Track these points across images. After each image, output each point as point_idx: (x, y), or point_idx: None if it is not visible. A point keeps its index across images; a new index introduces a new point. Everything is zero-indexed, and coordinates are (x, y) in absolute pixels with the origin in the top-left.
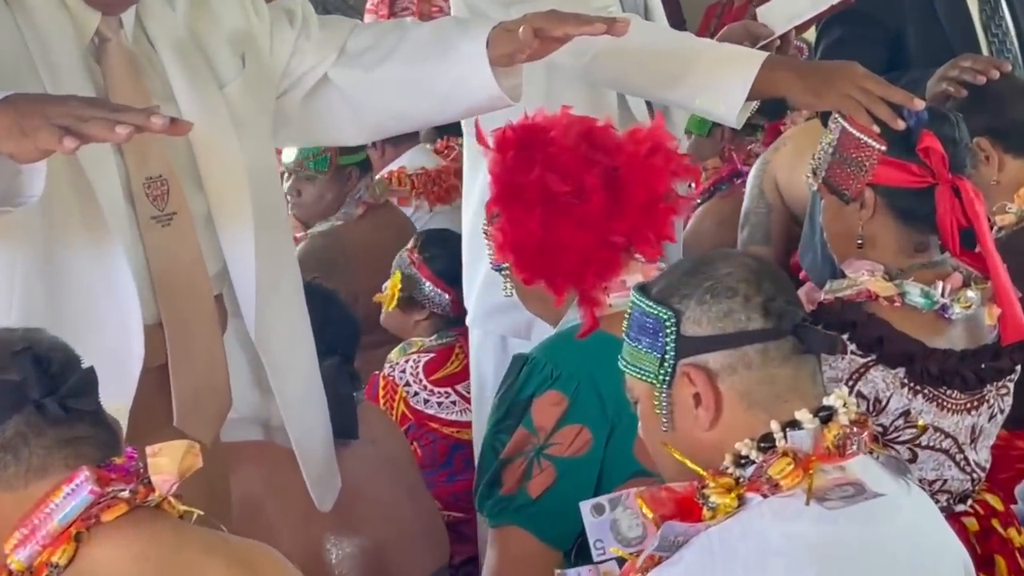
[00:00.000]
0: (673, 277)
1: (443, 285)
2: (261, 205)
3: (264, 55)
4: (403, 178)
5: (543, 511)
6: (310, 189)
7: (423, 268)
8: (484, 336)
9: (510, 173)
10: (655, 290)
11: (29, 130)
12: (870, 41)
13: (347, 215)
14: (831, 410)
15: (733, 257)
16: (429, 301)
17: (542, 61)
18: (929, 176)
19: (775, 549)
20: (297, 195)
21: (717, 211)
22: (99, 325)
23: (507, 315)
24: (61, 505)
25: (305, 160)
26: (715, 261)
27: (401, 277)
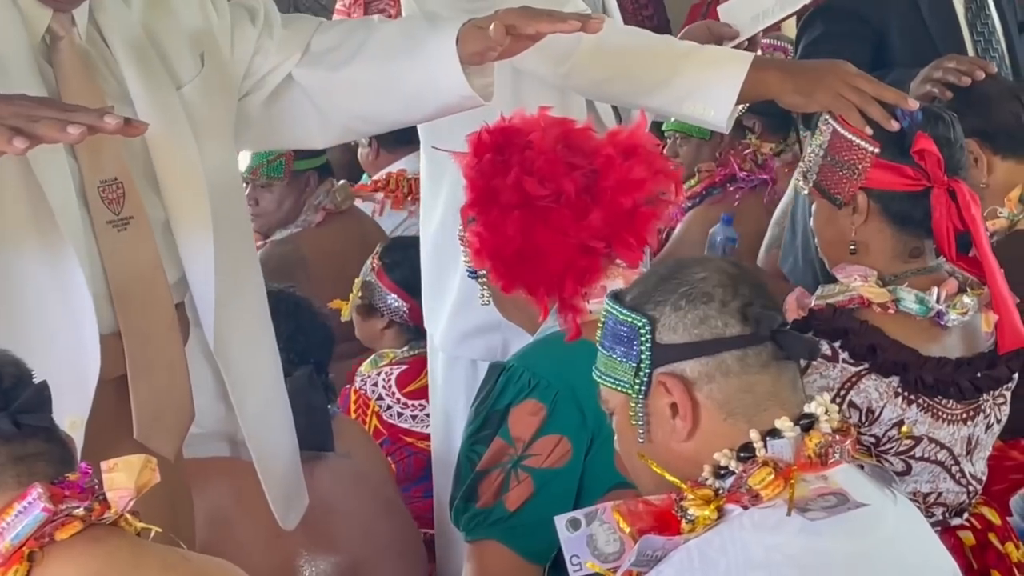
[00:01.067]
0: (647, 284)
1: (402, 294)
2: (221, 211)
3: (224, 55)
4: (402, 181)
5: (521, 524)
6: (267, 197)
7: (382, 275)
8: (452, 361)
9: (486, 177)
10: (629, 297)
11: None
12: (853, 38)
13: (306, 222)
14: (812, 418)
15: (709, 262)
16: (388, 309)
17: (509, 65)
18: (924, 179)
19: (756, 562)
20: (255, 204)
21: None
22: (53, 335)
23: (481, 338)
24: (13, 524)
25: (259, 167)
26: (690, 266)
27: (362, 284)
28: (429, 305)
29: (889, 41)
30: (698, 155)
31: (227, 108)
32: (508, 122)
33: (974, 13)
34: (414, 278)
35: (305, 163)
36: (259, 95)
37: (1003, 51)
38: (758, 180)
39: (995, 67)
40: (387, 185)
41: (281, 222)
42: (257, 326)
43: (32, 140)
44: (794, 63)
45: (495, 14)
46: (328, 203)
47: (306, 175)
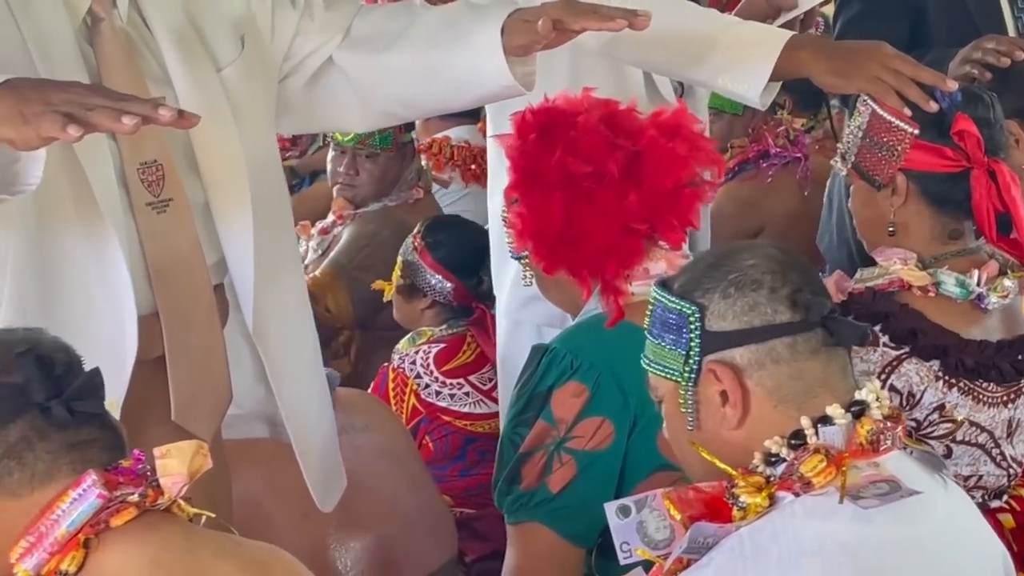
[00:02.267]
0: (696, 271)
1: (445, 273)
2: (261, 193)
3: (264, 37)
4: (444, 147)
5: (564, 507)
6: (369, 167)
7: (424, 255)
8: (516, 326)
9: (530, 158)
10: (677, 284)
11: (31, 117)
12: (890, 17)
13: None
14: (864, 405)
15: (757, 248)
16: (431, 289)
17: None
18: (964, 160)
19: (809, 549)
20: (355, 174)
21: (737, 194)
22: (91, 315)
23: (544, 303)
24: (68, 511)
25: (369, 137)
26: (739, 253)
27: (403, 264)
28: (495, 271)
29: (927, 19)
30: (730, 131)
31: (267, 90)
32: (552, 103)
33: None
34: (458, 257)
35: (408, 135)
36: (299, 78)
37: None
38: (791, 157)
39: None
40: (429, 148)
41: (376, 194)
42: (296, 308)
43: (86, 128)
44: (832, 43)
45: (542, 7)
46: (422, 182)
47: (408, 147)
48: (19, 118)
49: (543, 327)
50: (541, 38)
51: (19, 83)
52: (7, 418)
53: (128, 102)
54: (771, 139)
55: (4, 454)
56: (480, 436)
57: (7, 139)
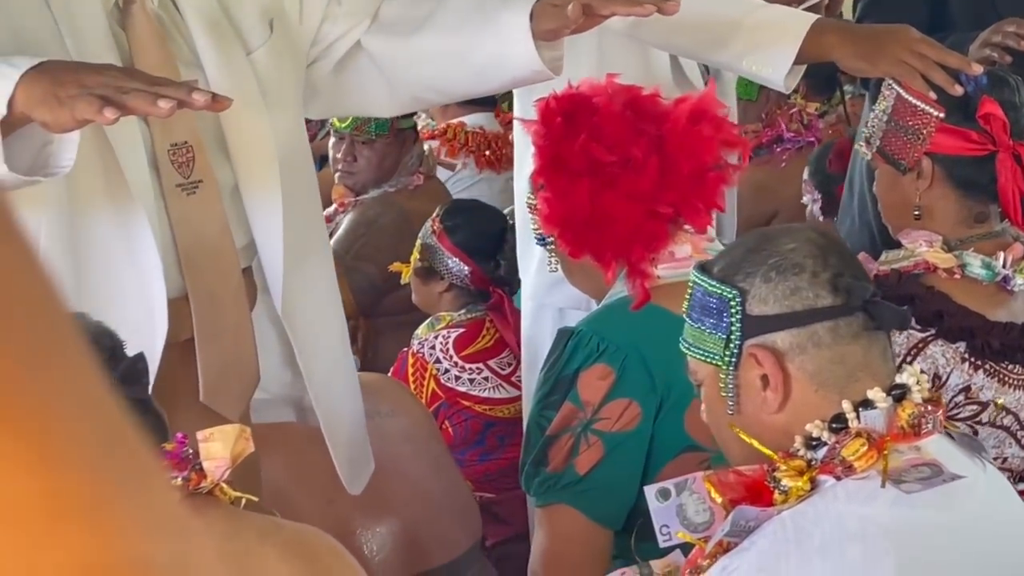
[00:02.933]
0: (736, 255)
1: (463, 256)
2: (290, 176)
3: (293, 21)
4: (459, 132)
5: (592, 488)
6: (367, 153)
7: (443, 238)
8: (540, 309)
9: (555, 143)
10: (717, 268)
11: (66, 99)
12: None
13: (401, 183)
14: (904, 388)
15: (798, 232)
16: (448, 272)
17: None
18: (989, 143)
19: (852, 533)
20: (353, 160)
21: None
22: (121, 297)
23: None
24: None
25: (366, 123)
26: (779, 237)
27: (421, 247)
28: (521, 254)
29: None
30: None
31: (296, 75)
32: (576, 89)
33: None
34: (476, 241)
35: (406, 122)
36: (327, 62)
37: None
38: (804, 141)
39: None
40: (444, 133)
41: (376, 180)
42: (324, 292)
43: (122, 111)
44: (857, 27)
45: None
46: (423, 167)
47: (406, 133)
48: (54, 100)
49: (567, 310)
50: (570, 23)
51: (54, 66)
52: None
53: (163, 86)
54: (784, 124)
55: None
56: (499, 421)
57: (42, 121)
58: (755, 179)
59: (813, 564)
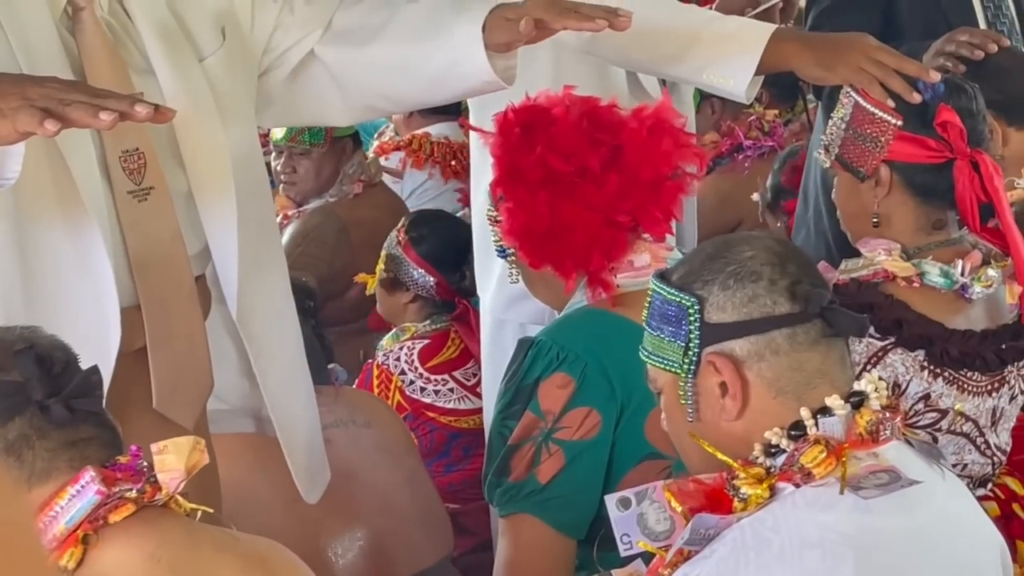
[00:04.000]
0: (694, 262)
1: (428, 267)
2: (244, 183)
3: (245, 29)
4: (424, 143)
5: (554, 497)
6: (305, 164)
7: (408, 249)
8: (500, 324)
9: (513, 155)
10: (676, 276)
11: (8, 111)
12: (862, 8)
13: (342, 192)
14: (863, 395)
15: (756, 240)
16: (413, 283)
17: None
18: (947, 151)
19: (810, 540)
20: (292, 172)
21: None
22: (74, 307)
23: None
24: (67, 507)
25: (300, 133)
26: (737, 244)
27: (387, 257)
28: (480, 270)
29: (899, 11)
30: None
31: (248, 82)
32: (533, 101)
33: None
34: (441, 251)
35: (343, 131)
36: (281, 71)
37: (1013, 18)
38: (766, 147)
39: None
40: (409, 144)
41: (316, 191)
42: (279, 298)
43: (63, 123)
44: (815, 35)
45: (523, 5)
46: (363, 175)
47: (344, 142)
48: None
49: (527, 325)
50: (522, 37)
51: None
52: (6, 416)
53: (105, 98)
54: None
55: (3, 451)
56: (464, 432)
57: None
58: (719, 188)
59: (772, 571)
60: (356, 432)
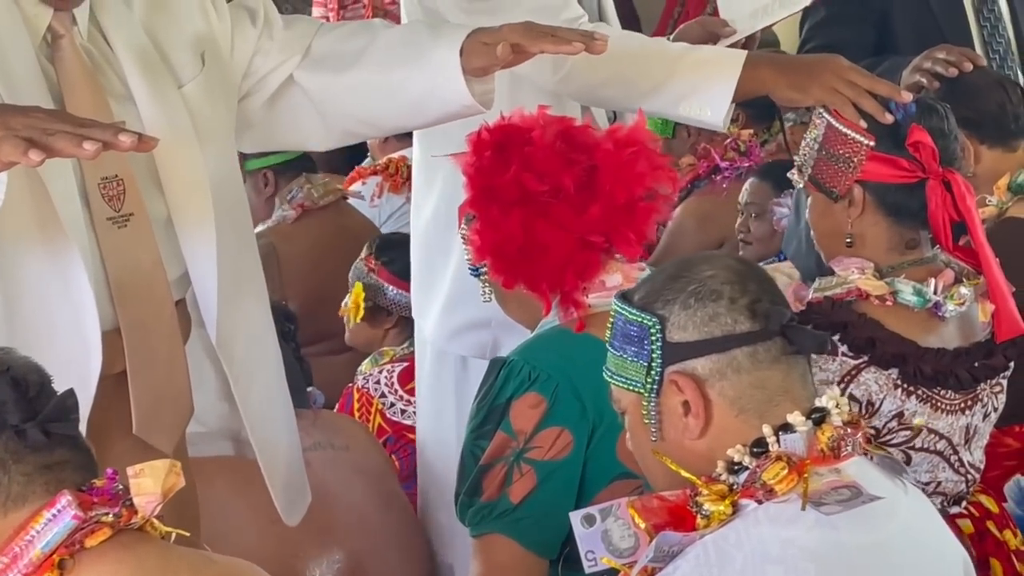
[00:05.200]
0: (655, 283)
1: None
2: (223, 208)
3: (224, 55)
4: (402, 166)
5: (526, 517)
6: None
7: (383, 273)
8: (442, 355)
9: (486, 175)
10: (638, 297)
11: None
12: (855, 22)
13: (281, 218)
14: (824, 412)
15: (716, 259)
16: (395, 305)
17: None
18: (919, 170)
19: (773, 556)
20: None
21: (697, 209)
22: (55, 332)
23: (472, 334)
24: (43, 532)
25: None
26: (698, 264)
27: (363, 287)
28: (419, 299)
29: (893, 25)
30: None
31: (228, 107)
32: (508, 120)
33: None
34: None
35: (257, 162)
36: (260, 96)
37: (1009, 38)
38: (743, 168)
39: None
40: (386, 169)
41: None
42: (259, 322)
43: (47, 153)
44: (788, 58)
45: (500, 29)
46: (304, 199)
47: (261, 173)
48: None
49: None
50: (500, 62)
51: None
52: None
53: (89, 128)
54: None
55: None
56: None
57: None
58: (699, 210)
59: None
60: (334, 455)
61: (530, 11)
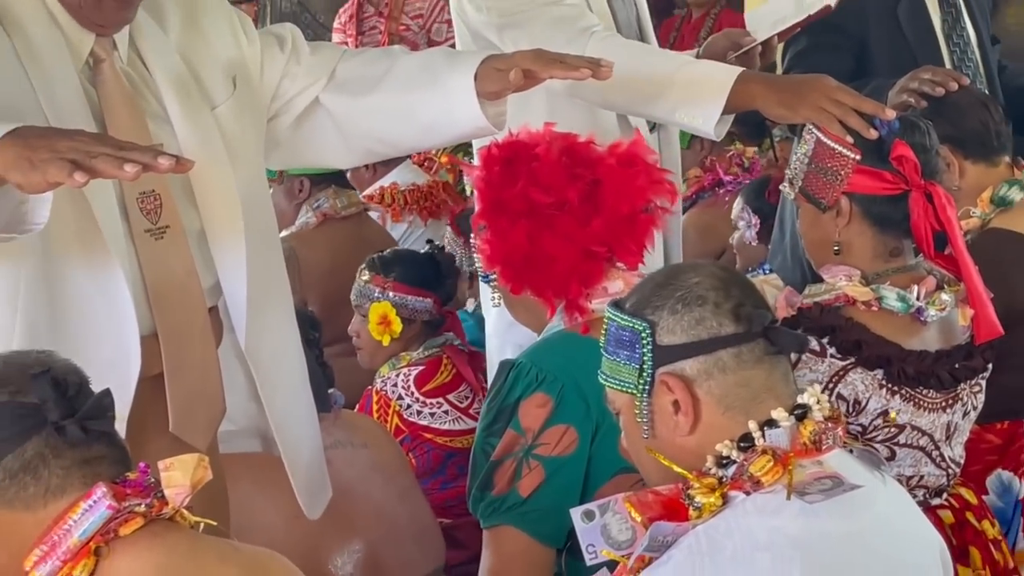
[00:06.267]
0: (645, 290)
1: (422, 292)
2: (252, 222)
3: (254, 78)
4: (396, 194)
5: (534, 510)
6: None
7: (398, 287)
8: (503, 345)
9: (495, 188)
10: (629, 304)
11: (38, 163)
12: (836, 49)
13: (303, 224)
14: (806, 408)
15: (701, 267)
16: (418, 312)
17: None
18: (902, 183)
19: (761, 544)
20: None
21: (699, 220)
22: (98, 337)
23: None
24: (80, 521)
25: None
26: (684, 272)
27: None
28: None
29: (870, 52)
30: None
31: (257, 127)
32: (515, 137)
33: (950, 25)
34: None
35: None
36: (287, 117)
37: (978, 61)
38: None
39: (968, 79)
40: (382, 199)
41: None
42: (285, 329)
43: (90, 174)
44: (779, 77)
45: (512, 56)
46: (328, 208)
47: (298, 180)
48: (27, 164)
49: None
50: (512, 86)
51: (27, 131)
52: (24, 436)
53: (129, 151)
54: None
55: (20, 469)
56: (459, 451)
57: (16, 183)
58: (701, 221)
59: (726, 573)
60: (354, 453)
61: (549, 23)
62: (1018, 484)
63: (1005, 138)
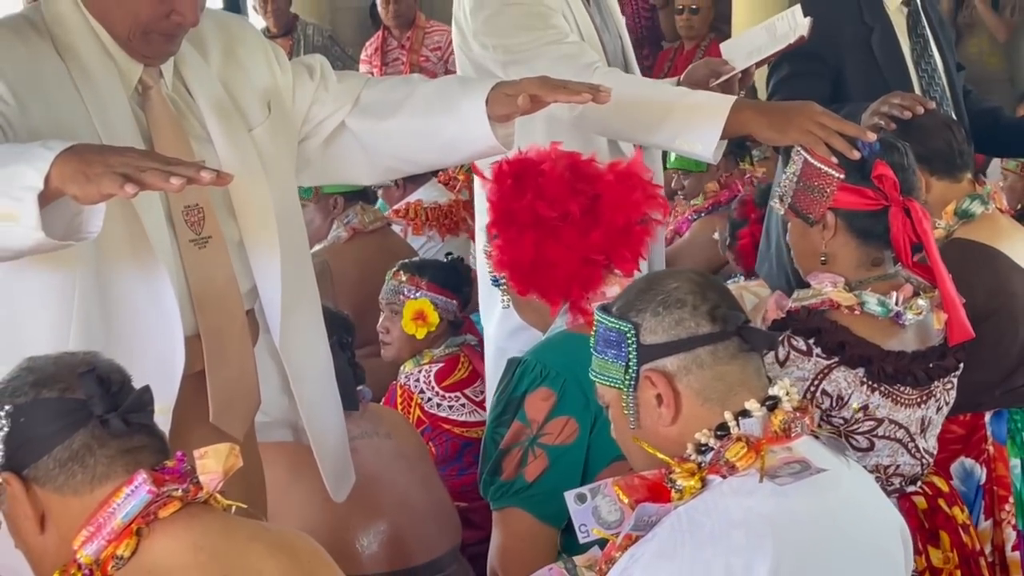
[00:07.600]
0: (630, 295)
1: (449, 294)
2: (286, 233)
3: (287, 103)
4: (419, 210)
5: (539, 493)
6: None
7: (432, 287)
8: (501, 352)
9: (505, 200)
10: (615, 308)
11: (93, 176)
12: (815, 76)
13: (336, 238)
14: (776, 399)
15: (680, 273)
16: (444, 312)
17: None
18: (883, 199)
19: (736, 521)
20: None
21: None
22: (146, 337)
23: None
24: (123, 505)
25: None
26: (664, 278)
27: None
28: (484, 305)
29: (846, 78)
30: (699, 185)
31: (289, 147)
32: (524, 154)
33: (919, 54)
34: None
35: (332, 187)
36: (317, 139)
37: (944, 86)
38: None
39: (934, 103)
40: (407, 214)
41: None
42: (314, 330)
43: (140, 187)
44: (769, 104)
45: (520, 83)
46: (357, 223)
47: (333, 197)
48: (83, 178)
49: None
50: (520, 110)
51: (83, 148)
52: (72, 428)
53: (175, 165)
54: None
55: (69, 459)
56: (475, 441)
57: (73, 195)
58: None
59: (705, 549)
60: (379, 442)
61: (554, 60)
62: (979, 470)
63: (967, 156)
